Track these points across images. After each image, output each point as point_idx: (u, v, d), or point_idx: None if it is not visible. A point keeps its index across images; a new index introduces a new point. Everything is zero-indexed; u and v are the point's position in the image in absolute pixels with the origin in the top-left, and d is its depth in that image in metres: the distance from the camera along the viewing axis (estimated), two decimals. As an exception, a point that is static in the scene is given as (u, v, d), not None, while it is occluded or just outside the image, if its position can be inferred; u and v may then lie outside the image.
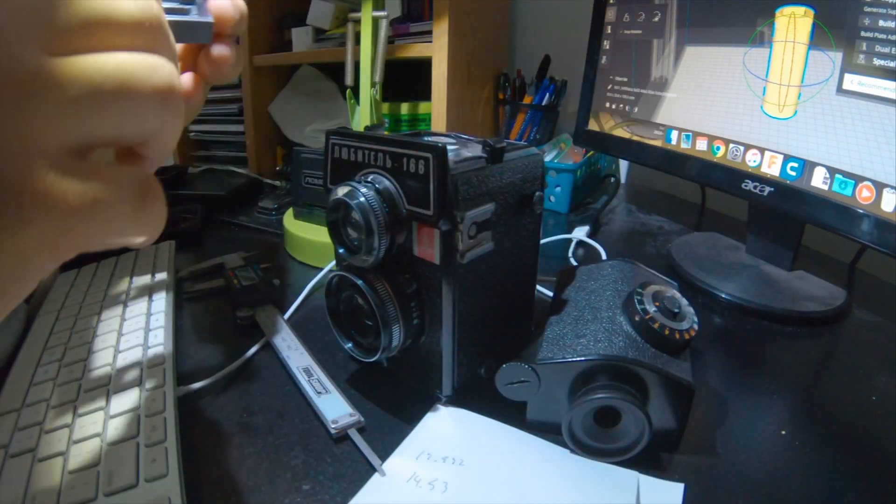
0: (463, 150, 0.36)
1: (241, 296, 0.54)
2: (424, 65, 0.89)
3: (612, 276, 0.43)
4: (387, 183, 0.36)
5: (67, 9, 0.16)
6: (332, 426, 0.37)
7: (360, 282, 0.37)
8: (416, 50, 0.87)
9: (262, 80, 1.17)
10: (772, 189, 0.54)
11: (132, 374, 0.41)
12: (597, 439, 0.35)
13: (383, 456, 0.35)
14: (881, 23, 0.45)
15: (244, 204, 0.92)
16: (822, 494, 0.33)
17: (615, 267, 0.44)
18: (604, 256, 0.66)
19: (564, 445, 0.35)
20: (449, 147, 0.34)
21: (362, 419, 0.38)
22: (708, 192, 0.85)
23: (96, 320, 0.49)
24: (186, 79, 0.27)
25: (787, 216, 0.56)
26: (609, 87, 0.75)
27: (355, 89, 0.70)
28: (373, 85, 0.68)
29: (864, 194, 0.47)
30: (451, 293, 0.36)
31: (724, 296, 0.56)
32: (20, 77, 0.15)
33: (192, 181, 1.00)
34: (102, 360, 0.43)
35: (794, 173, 0.53)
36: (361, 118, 0.69)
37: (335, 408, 0.39)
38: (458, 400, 0.40)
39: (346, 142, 0.39)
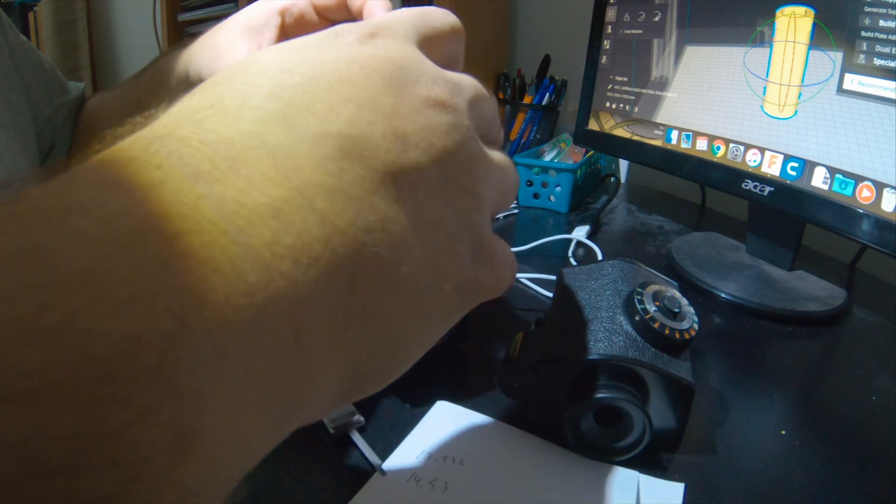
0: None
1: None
2: (424, 64, 0.89)
3: (612, 276, 0.42)
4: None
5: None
6: (332, 426, 0.37)
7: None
8: (416, 49, 0.87)
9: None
10: (772, 189, 0.54)
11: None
12: (597, 439, 0.34)
13: (383, 456, 0.35)
14: (881, 23, 0.45)
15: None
16: (822, 494, 0.33)
17: (615, 267, 0.44)
18: (600, 258, 0.66)
19: (564, 445, 0.35)
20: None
21: (362, 419, 0.38)
22: (708, 192, 0.85)
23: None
24: None
25: (788, 216, 0.56)
26: (609, 86, 0.75)
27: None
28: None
29: (865, 194, 0.47)
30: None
31: (724, 296, 0.56)
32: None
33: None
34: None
35: (794, 173, 0.53)
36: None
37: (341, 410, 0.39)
38: (458, 399, 0.40)
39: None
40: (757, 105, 0.56)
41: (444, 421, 0.38)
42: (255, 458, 0.13)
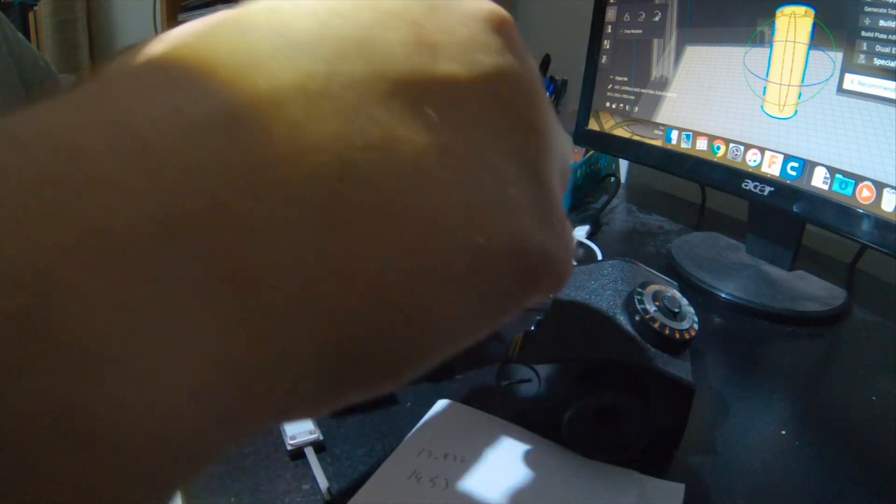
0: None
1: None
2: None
3: (612, 276, 0.42)
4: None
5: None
6: (290, 442, 0.35)
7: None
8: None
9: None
10: (772, 189, 0.54)
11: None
12: (597, 439, 0.34)
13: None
14: (881, 23, 0.45)
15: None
16: (822, 494, 0.33)
17: (615, 267, 0.44)
18: (600, 257, 0.66)
19: (565, 445, 0.35)
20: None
21: (321, 436, 0.36)
22: (708, 192, 0.85)
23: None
24: None
25: (788, 216, 0.56)
26: (609, 86, 0.75)
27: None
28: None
29: (865, 194, 0.47)
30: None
31: (724, 296, 0.56)
32: None
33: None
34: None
35: (794, 173, 0.53)
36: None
37: (297, 423, 0.36)
38: (459, 397, 0.40)
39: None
40: (757, 105, 0.56)
41: (445, 419, 0.38)
42: (188, 460, 0.09)
